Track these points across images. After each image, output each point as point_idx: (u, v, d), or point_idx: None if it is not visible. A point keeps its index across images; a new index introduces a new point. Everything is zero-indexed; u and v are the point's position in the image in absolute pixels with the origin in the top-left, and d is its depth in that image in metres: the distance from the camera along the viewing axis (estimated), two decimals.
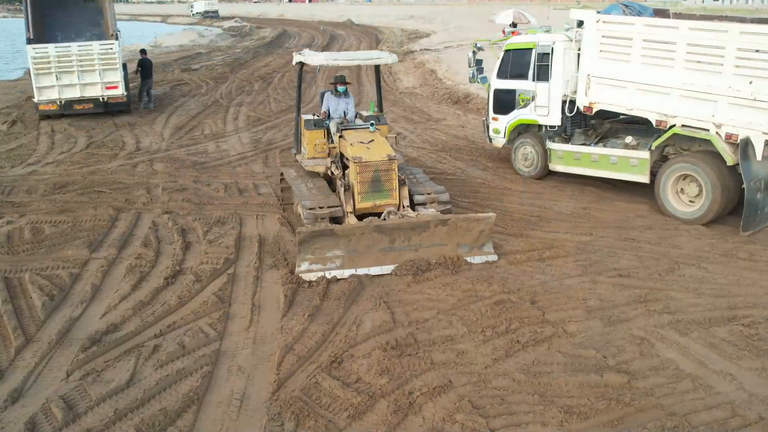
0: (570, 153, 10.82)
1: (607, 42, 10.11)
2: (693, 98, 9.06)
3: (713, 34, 8.85)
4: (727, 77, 8.63)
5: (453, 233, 7.63)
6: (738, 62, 8.51)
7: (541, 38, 11.04)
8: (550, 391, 5.31)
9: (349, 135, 8.75)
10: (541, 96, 10.99)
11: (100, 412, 5.08)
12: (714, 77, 8.78)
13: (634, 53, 9.71)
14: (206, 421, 5.01)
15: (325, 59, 9.43)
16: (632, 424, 4.88)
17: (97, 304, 6.96)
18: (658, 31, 9.53)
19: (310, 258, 7.31)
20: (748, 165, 8.55)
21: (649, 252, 8.24)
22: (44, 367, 5.78)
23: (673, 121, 9.34)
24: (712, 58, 8.80)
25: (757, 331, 6.26)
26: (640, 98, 9.74)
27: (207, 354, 5.90)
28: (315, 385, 5.42)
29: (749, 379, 5.50)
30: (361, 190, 8.11)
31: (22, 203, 10.23)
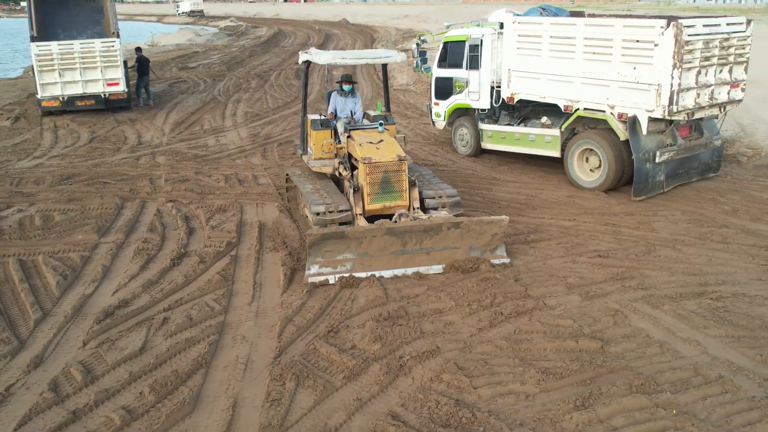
0: (497, 132, 12.31)
1: (522, 40, 11.47)
2: (591, 85, 10.46)
3: (603, 29, 10.35)
4: (615, 65, 10.07)
5: (466, 236, 7.46)
6: (623, 51, 9.96)
7: (473, 32, 12.36)
8: (530, 356, 5.79)
9: (357, 135, 8.53)
10: (473, 83, 12.45)
11: (116, 375, 5.53)
12: (606, 66, 10.21)
13: (543, 49, 11.11)
14: (214, 382, 5.47)
15: (332, 58, 9.23)
16: (603, 382, 5.35)
17: (108, 282, 7.41)
18: (561, 29, 10.95)
19: (320, 261, 7.13)
20: (637, 139, 10.00)
21: (628, 235, 8.73)
22: (62, 337, 6.22)
23: (577, 105, 10.73)
24: (603, 50, 10.22)
25: (724, 304, 6.74)
26: (550, 87, 11.13)
27: (213, 325, 6.35)
28: (313, 351, 5.89)
29: (713, 344, 5.98)
30: (370, 192, 7.93)
31: (31, 193, 10.65)
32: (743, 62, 10.54)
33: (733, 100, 10.70)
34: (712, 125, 11.32)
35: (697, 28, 9.67)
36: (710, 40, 9.85)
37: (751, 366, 5.61)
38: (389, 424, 4.83)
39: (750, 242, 8.45)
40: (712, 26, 9.99)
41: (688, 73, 9.65)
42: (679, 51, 9.35)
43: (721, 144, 11.42)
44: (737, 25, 10.31)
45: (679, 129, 10.56)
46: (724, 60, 10.18)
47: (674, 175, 10.65)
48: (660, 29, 9.46)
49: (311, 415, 5.01)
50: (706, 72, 9.97)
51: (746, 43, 10.44)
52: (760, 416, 4.91)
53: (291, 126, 16.25)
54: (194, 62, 30.47)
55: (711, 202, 10.06)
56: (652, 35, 9.57)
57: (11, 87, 23.64)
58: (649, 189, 10.28)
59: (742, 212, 9.60)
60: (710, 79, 10.06)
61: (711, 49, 9.89)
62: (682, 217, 9.40)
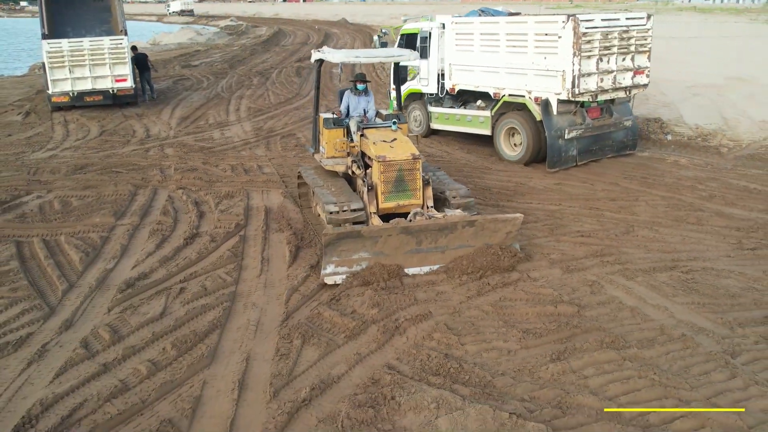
0: (443, 114, 13.94)
1: (459, 38, 13.14)
2: (513, 74, 12.11)
3: (519, 26, 12.07)
4: (530, 56, 11.71)
5: (480, 234, 7.47)
6: (536, 44, 11.58)
7: (423, 26, 13.96)
8: (513, 319, 6.41)
9: (371, 133, 8.46)
10: (423, 71, 14.08)
11: (140, 335, 6.15)
12: (523, 57, 11.85)
13: (475, 44, 12.78)
14: (228, 340, 6.09)
15: (345, 56, 9.26)
16: (577, 340, 5.97)
17: (127, 259, 8.02)
18: (488, 27, 12.65)
19: (336, 260, 7.10)
20: (549, 119, 11.57)
21: (610, 218, 9.36)
22: (88, 305, 6.83)
23: (503, 92, 12.41)
24: (520, 43, 11.88)
25: (692, 277, 7.36)
26: (482, 78, 12.77)
27: (225, 294, 6.97)
28: (318, 315, 6.50)
29: (679, 310, 6.60)
30: (384, 190, 7.89)
31: (48, 181, 11.26)
32: (645, 51, 12.16)
33: (638, 85, 12.26)
34: (625, 108, 12.86)
35: (595, 22, 11.26)
36: (609, 32, 11.45)
37: (711, 327, 6.22)
38: (385, 373, 5.44)
39: (723, 224, 9.07)
40: (611, 20, 11.64)
41: (588, 61, 11.22)
42: (578, 42, 10.92)
43: (632, 124, 12.91)
44: (638, 19, 11.95)
45: (590, 111, 12.08)
46: (625, 49, 11.78)
47: (587, 151, 12.22)
48: (561, 24, 11.05)
49: (316, 367, 5.63)
50: (608, 60, 11.58)
51: (647, 35, 12.05)
52: (714, 367, 5.52)
53: (293, 120, 16.88)
54: (196, 60, 31.06)
55: (690, 189, 10.68)
56: (556, 29, 11.17)
57: (19, 84, 24.26)
58: (561, 162, 11.85)
59: (718, 198, 10.22)
60: (612, 66, 11.66)
61: (610, 40, 11.49)
62: (662, 202, 10.02)
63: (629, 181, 11.19)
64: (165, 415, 4.95)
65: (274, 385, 5.31)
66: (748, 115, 15.22)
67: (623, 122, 12.68)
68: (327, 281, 7.10)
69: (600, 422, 4.83)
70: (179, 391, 5.29)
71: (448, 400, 4.97)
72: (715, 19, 56.41)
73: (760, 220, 9.21)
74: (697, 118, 15.19)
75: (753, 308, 6.62)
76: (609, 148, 12.59)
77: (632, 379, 5.36)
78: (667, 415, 4.90)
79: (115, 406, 5.07)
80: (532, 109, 11.87)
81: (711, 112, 15.64)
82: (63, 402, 5.12)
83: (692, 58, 24.97)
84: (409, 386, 5.22)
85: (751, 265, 7.68)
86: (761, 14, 60.66)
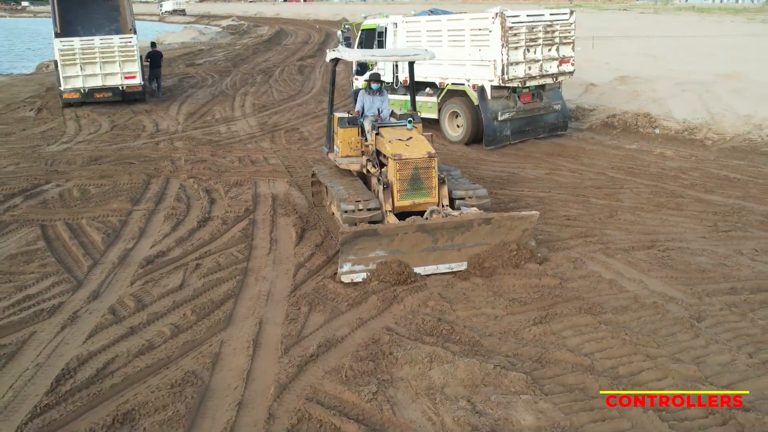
0: (398, 101, 14.96)
1: (409, 35, 14.93)
2: (454, 65, 13.86)
3: (458, 22, 13.92)
4: (467, 49, 13.52)
5: (496, 232, 7.48)
6: (472, 38, 13.40)
7: (380, 22, 15.61)
8: (501, 290, 7.02)
9: (386, 132, 8.52)
10: (380, 63, 15.29)
11: (162, 303, 6.77)
12: (462, 50, 13.66)
13: (422, 40, 14.48)
14: (242, 307, 6.71)
15: (362, 56, 9.32)
16: (558, 308, 6.58)
17: (146, 240, 8.65)
18: (432, 24, 14.49)
19: (353, 259, 7.13)
20: (484, 103, 13.40)
21: (596, 204, 9.97)
22: (112, 278, 7.46)
23: (447, 81, 14.19)
24: (459, 38, 13.71)
25: (668, 255, 7.98)
26: (429, 70, 14.26)
27: (238, 269, 7.60)
28: (323, 287, 7.13)
29: (653, 283, 7.22)
30: (400, 188, 7.92)
31: (65, 171, 11.89)
32: (569, 43, 13.94)
33: (564, 72, 14.05)
34: (555, 93, 14.56)
35: (520, 18, 13.00)
36: (534, 26, 13.17)
37: (681, 297, 6.84)
38: (384, 334, 6.07)
39: (701, 209, 9.68)
40: (536, 15, 13.48)
41: (515, 51, 12.95)
42: (505, 34, 12.62)
43: (562, 107, 14.69)
44: (561, 15, 13.80)
45: (522, 96, 13.78)
46: (550, 41, 13.52)
47: (519, 131, 13.98)
48: (491, 19, 12.72)
49: (322, 329, 6.25)
50: (534, 50, 13.31)
51: (570, 28, 13.86)
52: (681, 329, 6.14)
53: (296, 116, 17.52)
54: (200, 59, 31.71)
55: (673, 178, 11.30)
56: (487, 24, 12.88)
57: (29, 82, 24.89)
58: (497, 141, 13.64)
59: (699, 186, 10.84)
60: (538, 55, 13.39)
61: (536, 33, 13.22)
62: (645, 190, 10.64)
63: (616, 171, 11.82)
64: (188, 368, 5.57)
65: (284, 344, 5.93)
66: (734, 110, 15.79)
67: (553, 106, 14.39)
68: (344, 279, 7.14)
69: (575, 373, 5.45)
70: (200, 348, 5.91)
71: (440, 355, 5.60)
72: (712, 19, 57.04)
73: (736, 205, 9.82)
74: (684, 113, 15.78)
75: (721, 281, 7.23)
76: (541, 129, 14.35)
77: (605, 339, 5.98)
78: (635, 367, 5.52)
79: (143, 361, 5.70)
80: (470, 95, 13.67)
81: (698, 107, 16.22)
82: (96, 358, 5.75)
83: (685, 56, 25.61)
84: (405, 344, 5.84)
85: (724, 245, 8.29)
86: (759, 14, 61.34)
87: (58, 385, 5.33)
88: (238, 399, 5.15)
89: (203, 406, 5.10)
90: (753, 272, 7.44)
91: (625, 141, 14.36)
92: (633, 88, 18.17)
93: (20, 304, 6.77)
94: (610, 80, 19.24)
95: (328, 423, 4.83)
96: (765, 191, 10.52)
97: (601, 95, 17.78)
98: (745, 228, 8.91)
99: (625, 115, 15.81)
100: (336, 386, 5.28)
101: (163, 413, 4.94)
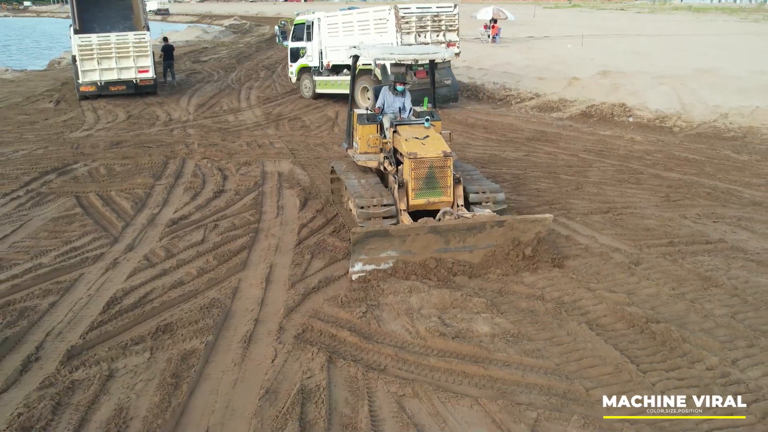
0: (323, 81, 19.28)
1: (330, 27, 18.77)
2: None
3: (364, 15, 17.77)
4: (372, 35, 17.14)
5: (509, 234, 7.49)
6: (375, 26, 17.17)
7: (308, 17, 19.47)
8: None
9: (403, 130, 8.50)
10: (309, 50, 19.57)
11: (188, 253, 8.05)
12: (369, 36, 17.18)
13: (339, 31, 18.39)
14: (256, 256, 7.99)
15: (381, 53, 9.46)
16: None
17: (168, 207, 9.92)
18: (346, 17, 18.29)
19: (364, 259, 7.15)
20: (386, 78, 16.05)
21: (564, 179, 11.24)
22: (143, 236, 8.74)
23: (365, 64, 15.98)
24: (365, 27, 17.47)
25: (621, 218, 9.25)
26: (345, 54, 16.98)
27: (251, 228, 8.88)
28: (323, 241, 8.40)
29: (603, 238, 8.48)
30: (414, 187, 7.93)
31: (90, 153, 13.17)
32: (454, 30, 17.63)
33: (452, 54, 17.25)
34: (446, 71, 17.91)
35: (411, 10, 16.77)
36: (423, 16, 16.95)
37: (625, 248, 8.11)
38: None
39: (658, 183, 10.96)
40: (425, 8, 17.22)
41: (407, 36, 16.64)
42: (399, 23, 16.42)
43: (452, 83, 18.22)
44: (446, 8, 17.54)
45: (417, 72, 16.21)
46: (437, 28, 17.21)
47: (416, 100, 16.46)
48: (388, 11, 16.50)
49: (322, 271, 7.52)
50: (424, 35, 16.95)
51: (454, 18, 17.62)
52: (619, 271, 7.41)
53: (298, 107, 18.82)
54: (205, 57, 33.01)
55: (638, 159, 12.57)
56: (385, 15, 16.76)
57: (43, 77, 26.19)
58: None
59: (660, 165, 12.11)
60: (428, 39, 17.05)
61: (425, 22, 17.01)
62: (611, 169, 11.91)
63: (587, 153, 13.10)
64: (214, 297, 6.85)
65: (291, 280, 7.22)
66: (705, 101, 17.06)
67: (444, 81, 17.59)
68: (354, 278, 7.18)
69: (527, 300, 6.73)
70: (222, 284, 7.20)
71: (418, 287, 6.88)
72: (705, 18, 58.36)
73: (689, 180, 11.10)
74: (658, 103, 17.06)
75: (662, 238, 8.50)
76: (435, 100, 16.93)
77: (556, 277, 7.26)
78: (576, 296, 6.79)
79: (176, 292, 6.98)
80: (375, 72, 16.93)
81: (672, 98, 17.49)
82: (137, 290, 7.03)
83: (669, 53, 26.88)
84: (390, 280, 7.11)
85: (671, 211, 9.56)
86: (753, 13, 62.57)
87: (108, 308, 6.62)
88: (255, 317, 6.44)
89: (227, 322, 6.39)
90: (691, 231, 8.71)
91: (601, 128, 15.64)
92: (613, 81, 19.43)
93: (68, 253, 8.05)
94: (593, 75, 20.50)
95: (326, 332, 6.12)
96: (718, 169, 11.80)
97: (582, 88, 19.04)
98: (693, 198, 10.19)
99: (602, 106, 17.11)
100: (333, 308, 6.56)
101: (195, 326, 6.23)
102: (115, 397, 5.18)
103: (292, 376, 5.42)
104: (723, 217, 9.31)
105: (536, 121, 16.77)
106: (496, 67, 23.52)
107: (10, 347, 5.94)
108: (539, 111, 18.08)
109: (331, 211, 9.55)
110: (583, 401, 5.08)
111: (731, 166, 12.05)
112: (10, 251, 8.12)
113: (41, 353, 5.86)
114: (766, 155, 12.80)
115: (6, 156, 13.01)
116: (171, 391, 5.21)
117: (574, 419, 4.84)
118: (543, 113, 17.80)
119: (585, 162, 12.40)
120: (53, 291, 7.02)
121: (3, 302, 6.75)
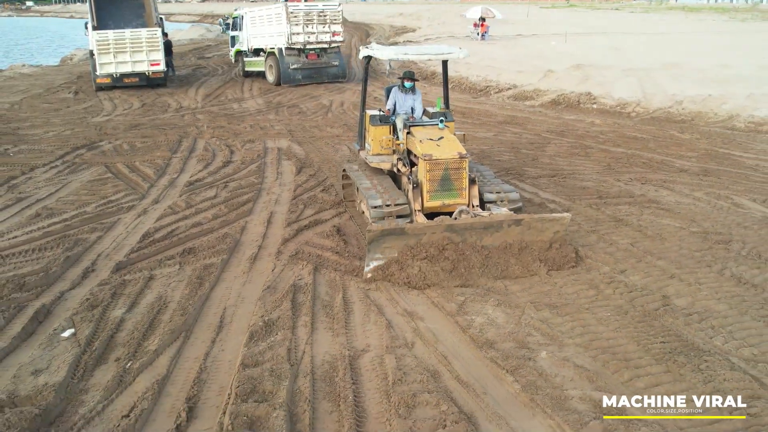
0: (249, 62, 24.74)
1: (252, 20, 24.24)
2: (270, 36, 23.03)
3: (269, 10, 22.78)
4: (274, 26, 22.60)
5: (526, 233, 7.41)
6: (276, 19, 22.31)
7: (240, 12, 24.96)
8: None
9: (417, 131, 8.40)
10: (240, 38, 25.34)
11: (204, 204, 9.87)
12: (271, 27, 22.74)
13: (257, 24, 23.90)
14: (259, 206, 9.82)
15: (394, 53, 9.24)
16: None
17: (185, 174, 11.75)
18: (261, 12, 23.47)
19: (379, 258, 7.11)
20: (282, 58, 22.34)
21: (524, 153, 13.06)
22: (166, 193, 10.56)
23: (269, 48, 23.12)
24: (269, 20, 22.87)
25: (564, 180, 11.04)
26: (261, 41, 23.76)
27: (255, 188, 10.71)
28: (314, 196, 10.22)
29: (546, 195, 10.27)
30: (430, 189, 7.83)
31: (113, 134, 15.02)
32: (338, 23, 22.42)
33: (336, 41, 22.78)
34: (336, 55, 23.21)
35: (300, 7, 21.76)
36: (310, 12, 21.81)
37: (561, 201, 9.92)
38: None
39: (603, 156, 12.76)
40: (312, 6, 22.04)
41: (296, 27, 21.72)
42: (288, 17, 21.47)
43: (339, 64, 23.25)
44: (331, 5, 22.30)
45: (309, 55, 22.40)
46: (323, 20, 22.07)
47: (309, 77, 22.77)
48: (282, 8, 21.39)
49: (312, 216, 9.34)
50: (312, 26, 21.91)
51: (338, 13, 22.33)
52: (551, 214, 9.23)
53: (296, 96, 20.66)
54: (209, 53, 34.83)
55: (592, 138, 14.38)
56: (280, 10, 21.70)
57: (59, 72, 28.04)
58: (290, 81, 22.55)
59: (610, 143, 13.92)
60: (314, 29, 21.98)
61: (311, 16, 21.85)
62: (566, 145, 13.72)
63: (549, 133, 14.91)
64: (226, 232, 8.67)
65: (287, 221, 9.07)
66: (665, 91, 18.86)
67: (332, 63, 22.96)
68: (370, 277, 7.11)
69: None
70: (232, 224, 9.03)
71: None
72: (696, 17, 60.05)
73: (631, 153, 12.91)
74: (622, 92, 18.86)
75: (594, 194, 10.30)
76: (326, 76, 23.03)
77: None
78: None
79: (196, 229, 8.81)
80: (277, 54, 22.38)
81: (636, 88, 19.29)
82: (165, 228, 8.85)
83: (646, 49, 28.66)
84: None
85: (608, 176, 11.37)
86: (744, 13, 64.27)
87: (144, 239, 8.45)
88: (259, 244, 8.28)
89: (237, 248, 8.22)
90: (620, 190, 10.52)
91: (566, 114, 17.45)
92: (585, 73, 21.24)
93: (106, 204, 9.89)
94: (567, 68, 22.30)
95: (314, 253, 7.94)
96: (660, 145, 13.61)
97: (556, 80, 20.86)
98: (631, 167, 11.99)
99: (571, 95, 18.92)
100: (321, 239, 8.40)
101: (213, 249, 8.06)
102: (155, 291, 7.01)
103: (287, 278, 7.24)
104: (651, 180, 11.11)
105: (510, 108, 18.60)
106: (480, 62, 25.33)
107: (71, 263, 7.77)
108: (514, 100, 19.91)
109: (323, 174, 11.39)
110: (499, 291, 6.90)
111: (672, 142, 13.86)
112: (59, 203, 9.96)
113: (96, 267, 7.69)
114: (705, 134, 14.60)
115: (39, 136, 14.85)
116: (197, 286, 7.04)
117: (491, 300, 6.67)
118: (517, 102, 19.63)
119: (545, 140, 14.22)
120: (98, 229, 8.86)
121: (60, 236, 8.58)
